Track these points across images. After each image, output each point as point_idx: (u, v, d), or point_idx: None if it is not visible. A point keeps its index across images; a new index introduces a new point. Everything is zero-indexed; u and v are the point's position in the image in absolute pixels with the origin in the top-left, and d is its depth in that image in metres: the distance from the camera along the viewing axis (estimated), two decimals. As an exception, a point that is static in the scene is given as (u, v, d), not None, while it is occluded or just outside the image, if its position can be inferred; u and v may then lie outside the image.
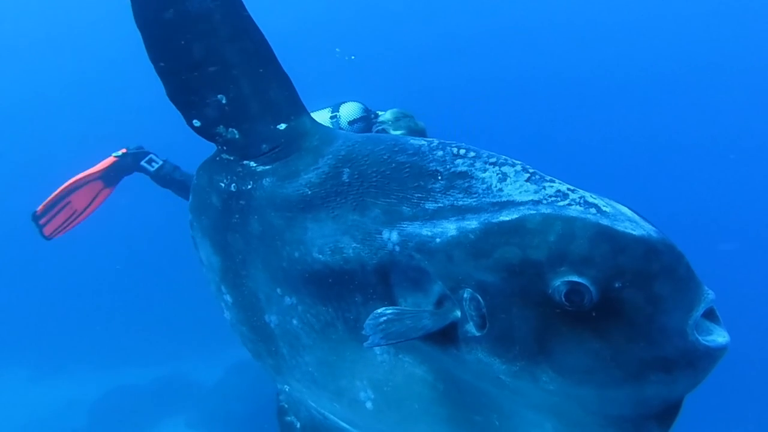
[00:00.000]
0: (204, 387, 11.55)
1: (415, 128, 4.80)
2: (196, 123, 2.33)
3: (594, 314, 1.62)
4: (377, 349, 2.13)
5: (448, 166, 1.95)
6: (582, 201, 1.73)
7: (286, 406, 2.81)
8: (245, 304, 2.53)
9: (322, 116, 5.02)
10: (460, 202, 1.87)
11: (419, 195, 1.96)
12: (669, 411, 1.68)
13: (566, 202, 1.73)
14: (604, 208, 1.70)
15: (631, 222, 1.65)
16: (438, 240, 1.85)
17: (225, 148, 2.39)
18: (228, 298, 2.60)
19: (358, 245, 2.05)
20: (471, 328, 1.82)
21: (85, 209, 5.31)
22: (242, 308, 2.56)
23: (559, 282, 1.63)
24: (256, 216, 2.36)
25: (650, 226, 1.66)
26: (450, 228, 1.84)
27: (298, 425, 2.79)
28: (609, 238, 1.61)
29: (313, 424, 2.71)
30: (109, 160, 5.39)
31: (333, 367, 2.30)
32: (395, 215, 1.98)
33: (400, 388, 2.13)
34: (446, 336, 1.88)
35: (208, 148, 2.50)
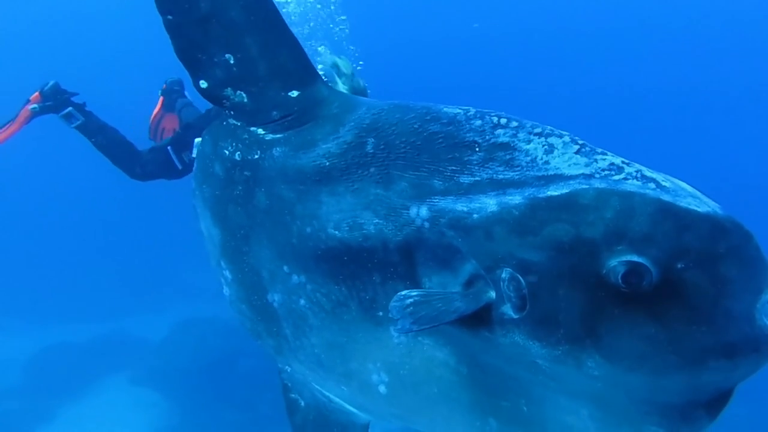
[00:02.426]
0: (149, 344, 11.31)
1: (358, 88, 4.59)
2: (203, 84, 2.18)
3: (651, 296, 1.51)
4: (393, 331, 2.01)
5: (487, 137, 1.79)
6: (639, 175, 1.61)
7: (289, 384, 2.71)
8: (246, 281, 2.40)
9: None
10: (501, 176, 1.72)
11: (453, 168, 1.81)
12: (719, 399, 1.61)
13: (621, 176, 1.61)
14: (663, 183, 1.58)
15: (693, 198, 1.53)
16: (476, 216, 1.71)
17: (232, 112, 2.24)
18: (228, 274, 2.47)
19: (381, 221, 1.92)
20: (508, 310, 1.70)
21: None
22: (243, 285, 2.43)
23: (616, 262, 1.51)
24: (263, 188, 2.22)
25: (714, 203, 1.55)
26: (489, 203, 1.69)
27: (302, 404, 2.69)
28: (672, 214, 1.49)
29: (317, 405, 2.62)
30: (25, 113, 5.37)
31: (343, 348, 2.19)
32: (425, 189, 1.84)
33: (418, 372, 2.03)
34: (477, 318, 1.76)
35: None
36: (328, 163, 2.05)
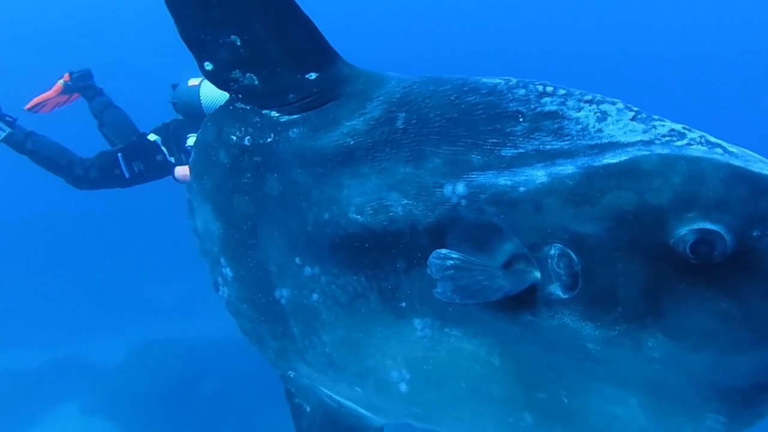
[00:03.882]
0: (104, 368, 10.80)
1: None
2: (208, 66, 2.05)
3: (722, 268, 1.43)
4: (417, 323, 1.91)
5: (532, 106, 1.69)
6: (703, 140, 1.52)
7: (293, 389, 2.55)
8: (250, 278, 2.26)
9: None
10: (548, 146, 1.63)
11: (494, 140, 1.70)
12: None
13: (684, 141, 1.52)
14: (730, 149, 1.49)
15: (764, 164, 1.46)
16: (522, 189, 1.61)
17: (240, 96, 2.11)
18: (228, 271, 2.32)
19: (411, 201, 1.81)
20: (556, 290, 1.61)
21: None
22: (245, 283, 2.29)
23: (686, 230, 1.43)
24: (275, 174, 2.09)
25: None
26: (538, 175, 1.60)
27: (308, 409, 2.53)
28: (746, 179, 1.41)
29: (325, 410, 2.45)
30: None
31: (358, 345, 2.07)
32: (461, 165, 1.73)
33: (444, 366, 1.91)
34: (518, 301, 1.67)
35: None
36: (352, 142, 1.93)
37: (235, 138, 2.16)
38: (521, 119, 1.69)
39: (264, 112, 2.11)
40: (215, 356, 9.92)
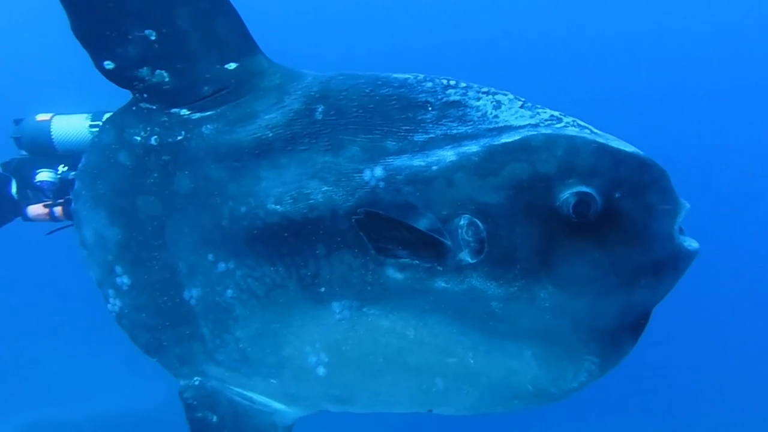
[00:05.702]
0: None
1: None
2: (109, 65, 2.03)
3: (595, 225, 1.80)
4: (336, 307, 2.04)
5: (439, 96, 1.97)
6: (575, 123, 1.91)
7: (195, 402, 2.45)
8: (153, 282, 2.22)
9: (78, 122, 4.66)
10: (455, 131, 1.92)
11: (407, 127, 1.95)
12: (641, 321, 1.93)
13: (562, 124, 1.88)
14: (595, 130, 1.90)
15: (619, 141, 1.86)
16: (435, 167, 1.88)
17: (146, 95, 2.11)
18: (125, 280, 2.24)
19: (331, 188, 1.96)
20: (465, 256, 1.88)
21: None
22: (147, 289, 2.23)
23: (568, 194, 1.79)
24: (186, 171, 2.11)
25: (633, 147, 1.89)
26: (447, 155, 1.88)
27: (215, 419, 2.44)
28: (609, 152, 1.80)
29: (235, 412, 2.40)
30: None
31: (275, 336, 2.13)
32: (377, 151, 1.94)
33: (362, 344, 2.05)
34: (431, 272, 1.91)
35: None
36: (271, 135, 2.04)
37: (139, 138, 2.15)
38: (430, 108, 1.95)
39: (173, 110, 2.12)
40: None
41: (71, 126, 4.62)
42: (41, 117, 4.73)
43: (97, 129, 4.09)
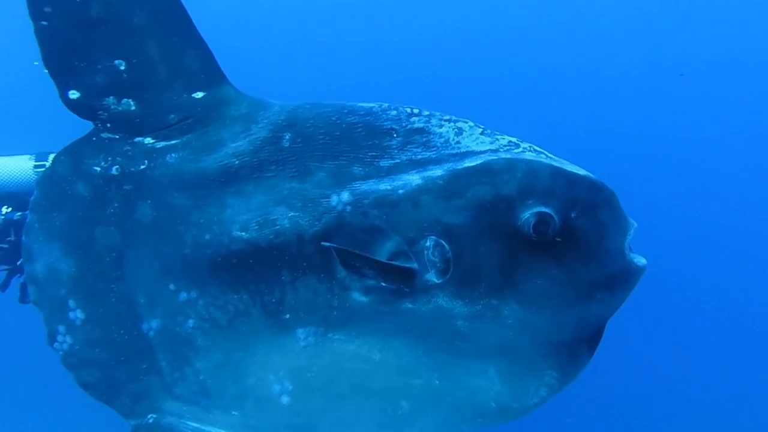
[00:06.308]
0: None
1: None
2: (74, 95, 2.06)
3: (554, 243, 1.90)
4: (301, 333, 2.04)
5: (403, 124, 2.06)
6: (532, 149, 2.02)
7: None
8: (109, 315, 2.16)
9: (20, 163, 4.50)
10: (419, 156, 2.00)
11: (373, 153, 2.01)
12: (596, 334, 2.02)
13: (519, 149, 2.00)
14: (550, 155, 2.01)
15: (572, 165, 1.99)
16: (401, 191, 1.94)
17: (109, 125, 2.12)
18: (78, 314, 2.18)
19: (297, 213, 1.99)
20: (432, 276, 1.94)
21: None
22: (102, 323, 2.17)
23: (529, 214, 1.89)
24: (148, 200, 2.11)
25: (585, 170, 2.01)
26: (413, 179, 1.95)
27: None
28: (563, 175, 1.92)
29: None
30: None
31: (237, 366, 2.11)
32: (344, 177, 1.99)
33: (327, 370, 2.05)
34: (398, 294, 1.95)
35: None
36: (237, 162, 2.07)
37: (99, 169, 2.14)
38: (395, 135, 2.04)
39: (136, 139, 2.13)
40: None
41: (13, 167, 4.51)
42: None
43: (43, 168, 4.10)
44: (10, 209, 4.71)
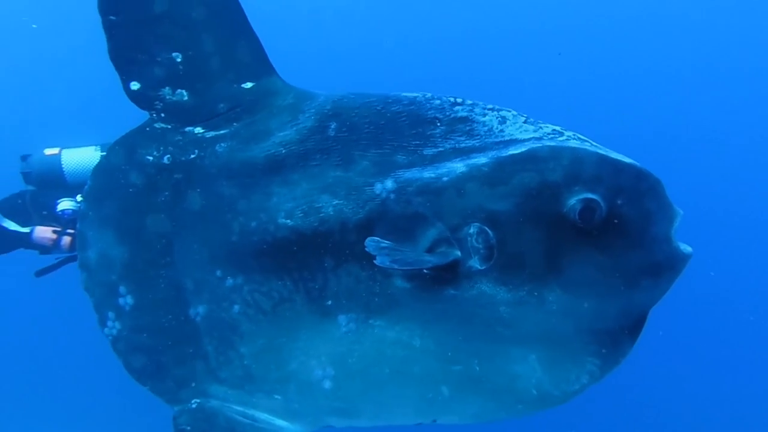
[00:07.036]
0: None
1: None
2: (135, 85, 2.17)
3: (599, 230, 1.89)
4: (342, 320, 2.07)
5: (447, 113, 2.08)
6: (576, 137, 2.02)
7: (189, 428, 2.35)
8: (158, 300, 2.23)
9: (88, 153, 4.77)
10: (463, 144, 2.02)
11: (417, 142, 2.04)
12: (639, 323, 2.00)
13: (564, 137, 2.00)
14: (594, 143, 2.01)
15: (617, 153, 1.99)
16: (445, 179, 1.96)
17: (163, 115, 2.22)
18: (128, 300, 2.25)
19: (341, 201, 2.03)
20: (475, 263, 1.94)
21: None
22: (151, 308, 2.25)
23: (575, 200, 1.88)
24: (198, 189, 2.18)
25: (630, 158, 2.00)
26: (457, 166, 1.97)
27: None
28: (609, 162, 1.92)
29: None
30: None
31: (281, 351, 2.15)
32: (387, 165, 2.02)
33: (368, 356, 2.08)
34: (440, 281, 1.96)
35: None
36: (284, 151, 2.12)
37: (151, 158, 2.23)
38: (439, 124, 2.06)
39: (187, 129, 2.23)
40: None
41: (82, 158, 4.76)
42: (49, 151, 4.85)
43: None
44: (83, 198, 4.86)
